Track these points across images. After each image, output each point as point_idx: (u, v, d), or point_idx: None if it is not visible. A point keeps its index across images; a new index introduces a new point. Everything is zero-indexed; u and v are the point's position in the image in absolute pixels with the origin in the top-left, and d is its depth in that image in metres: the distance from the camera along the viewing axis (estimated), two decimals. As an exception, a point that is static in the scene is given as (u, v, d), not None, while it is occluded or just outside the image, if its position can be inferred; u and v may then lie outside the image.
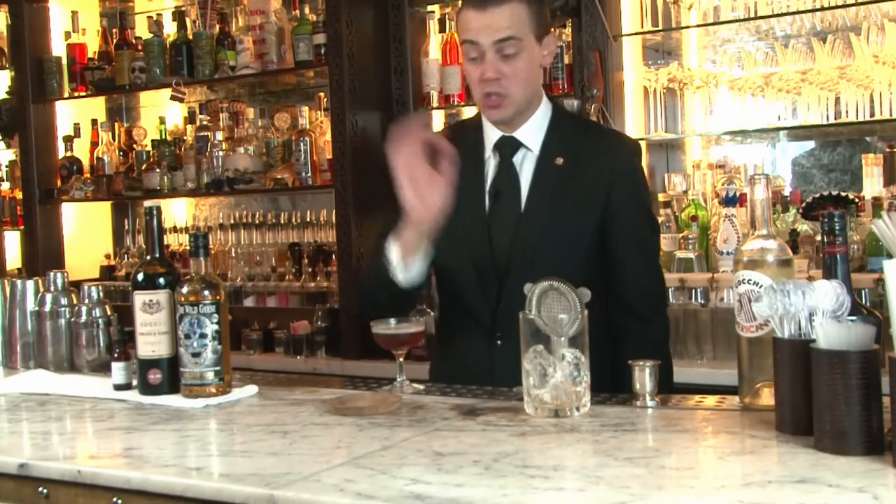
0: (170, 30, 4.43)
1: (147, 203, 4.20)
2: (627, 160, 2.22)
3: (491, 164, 2.22)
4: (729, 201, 3.21)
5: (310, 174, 3.92)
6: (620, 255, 2.16)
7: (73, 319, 2.40)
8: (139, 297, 2.04)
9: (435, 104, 3.78)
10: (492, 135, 2.22)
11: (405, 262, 2.03)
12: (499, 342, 2.14)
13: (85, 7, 4.72)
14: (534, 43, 2.12)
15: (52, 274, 2.48)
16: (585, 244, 2.15)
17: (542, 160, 2.17)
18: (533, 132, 2.19)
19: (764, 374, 1.66)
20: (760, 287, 1.64)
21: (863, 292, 2.88)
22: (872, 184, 3.26)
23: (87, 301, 2.39)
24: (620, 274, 2.16)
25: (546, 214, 2.14)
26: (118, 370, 2.11)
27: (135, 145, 4.64)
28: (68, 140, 4.69)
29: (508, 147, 2.20)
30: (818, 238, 3.10)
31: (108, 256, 4.78)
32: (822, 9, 3.21)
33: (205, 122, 4.37)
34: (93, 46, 4.65)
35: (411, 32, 3.79)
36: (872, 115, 3.20)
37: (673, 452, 1.51)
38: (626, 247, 2.16)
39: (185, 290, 1.97)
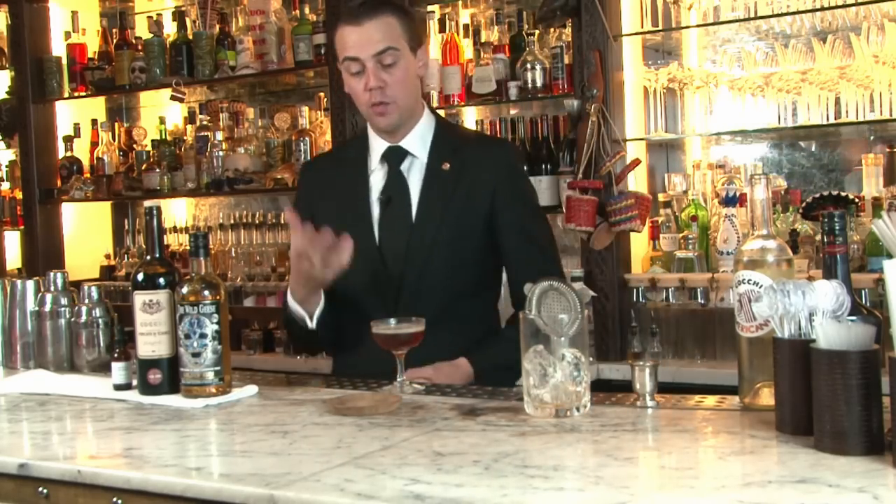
0: (170, 30, 4.43)
1: (147, 203, 4.21)
2: (508, 164, 2.37)
3: (378, 174, 2.35)
4: (729, 201, 3.22)
5: (310, 174, 3.92)
6: (514, 251, 2.31)
7: (73, 319, 2.40)
8: (139, 297, 2.04)
9: (435, 104, 3.77)
10: (377, 147, 2.36)
11: (308, 312, 2.25)
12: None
13: (85, 7, 4.72)
14: (409, 53, 2.27)
15: (52, 274, 2.48)
16: (475, 243, 2.29)
17: (430, 166, 2.32)
18: (418, 141, 2.34)
19: (764, 374, 1.66)
20: (760, 287, 1.64)
21: (863, 292, 2.89)
22: (872, 184, 3.26)
23: (87, 301, 2.39)
24: (517, 267, 2.30)
25: (437, 217, 2.28)
26: (118, 370, 2.11)
27: (135, 145, 4.64)
28: (68, 140, 4.69)
29: (395, 156, 2.33)
30: (818, 238, 3.10)
31: (108, 256, 4.78)
32: (822, 9, 3.20)
33: (205, 122, 4.38)
34: (93, 46, 4.65)
35: (411, 32, 3.78)
36: (872, 115, 3.20)
37: (673, 452, 1.51)
38: (518, 243, 2.31)
39: (185, 290, 1.97)
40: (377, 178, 2.35)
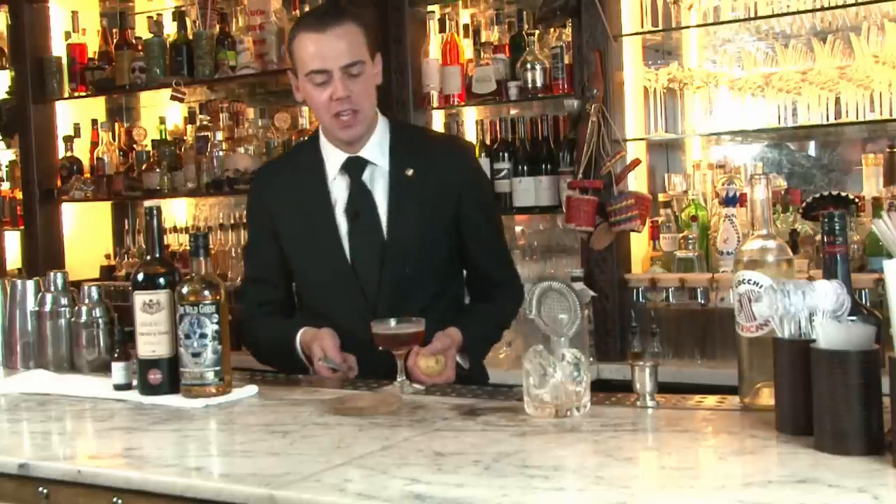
0: (170, 30, 4.43)
1: (147, 203, 4.19)
2: (470, 165, 2.44)
3: (340, 184, 2.31)
4: (729, 201, 3.21)
5: (310, 174, 3.91)
6: (478, 245, 2.37)
7: (73, 319, 2.40)
8: (139, 297, 2.04)
9: (435, 104, 3.77)
10: (333, 157, 2.32)
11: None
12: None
13: (85, 7, 4.72)
14: (370, 63, 2.25)
15: (52, 274, 2.48)
16: (445, 246, 2.33)
17: (393, 174, 2.30)
18: (376, 148, 2.30)
19: (764, 374, 1.66)
20: (760, 287, 1.64)
21: (863, 292, 2.88)
22: (872, 184, 3.26)
23: (87, 301, 2.39)
24: (480, 259, 2.39)
25: (409, 227, 2.28)
26: (118, 370, 2.11)
27: (135, 145, 4.63)
28: (68, 140, 4.68)
29: (356, 167, 2.29)
30: (818, 238, 3.10)
31: (108, 256, 4.77)
32: (822, 9, 3.20)
33: (205, 122, 4.37)
34: (93, 46, 4.64)
35: (411, 32, 3.78)
36: (872, 115, 3.19)
37: (673, 452, 1.51)
38: (481, 239, 2.38)
39: (185, 290, 1.97)
40: (339, 189, 2.31)
